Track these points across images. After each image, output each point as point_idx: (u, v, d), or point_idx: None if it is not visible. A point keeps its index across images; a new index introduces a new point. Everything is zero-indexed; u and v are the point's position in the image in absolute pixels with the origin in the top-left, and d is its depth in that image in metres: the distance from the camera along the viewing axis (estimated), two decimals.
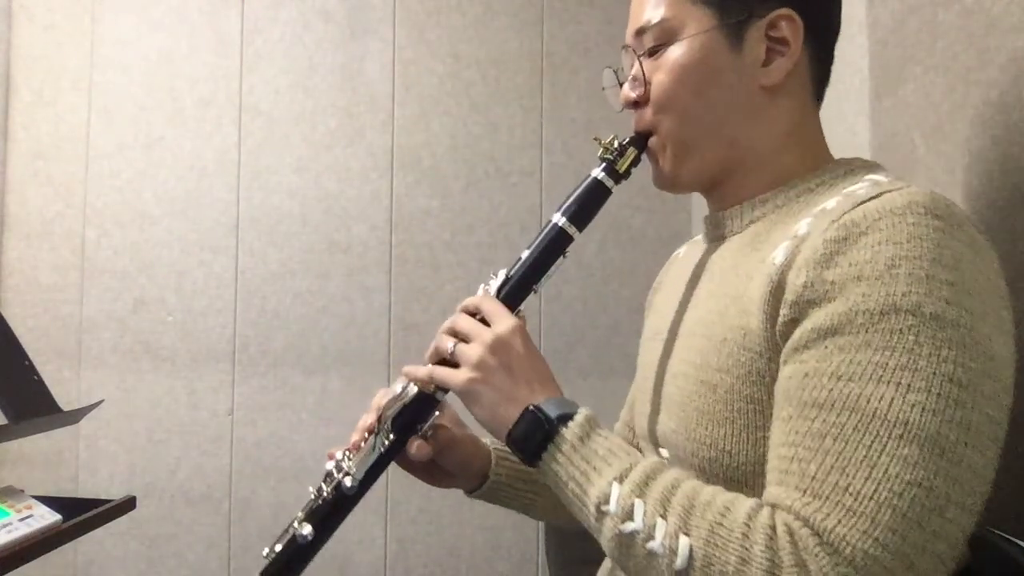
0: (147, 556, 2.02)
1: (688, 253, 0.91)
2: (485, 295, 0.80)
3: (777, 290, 0.63)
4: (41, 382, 1.17)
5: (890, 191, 0.61)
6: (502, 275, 0.81)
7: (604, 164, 0.80)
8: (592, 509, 0.64)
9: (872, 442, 0.55)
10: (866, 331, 0.57)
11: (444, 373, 0.77)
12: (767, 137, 0.75)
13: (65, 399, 1.28)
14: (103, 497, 1.16)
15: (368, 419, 0.84)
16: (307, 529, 0.79)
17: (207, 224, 2.06)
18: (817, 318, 0.59)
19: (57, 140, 2.08)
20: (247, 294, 2.05)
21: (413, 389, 0.81)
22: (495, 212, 2.02)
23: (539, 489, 0.96)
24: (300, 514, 0.81)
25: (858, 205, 0.61)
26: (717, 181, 0.79)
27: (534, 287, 0.81)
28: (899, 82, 1.03)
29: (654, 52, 0.77)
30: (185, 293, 2.05)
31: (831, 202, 0.65)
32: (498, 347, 0.74)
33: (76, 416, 1.21)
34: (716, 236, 0.81)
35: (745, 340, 0.66)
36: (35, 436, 1.71)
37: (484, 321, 0.77)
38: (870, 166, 0.73)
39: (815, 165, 0.75)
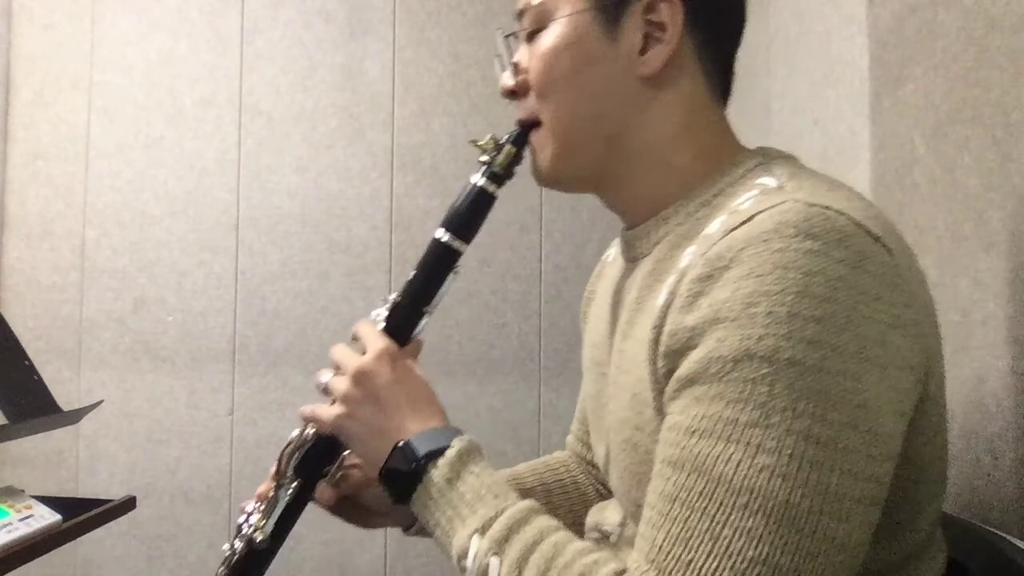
0: (147, 556, 2.02)
1: (616, 262, 0.83)
2: (365, 321, 0.76)
3: (656, 339, 0.58)
4: (41, 382, 1.17)
5: (762, 211, 0.54)
6: (392, 299, 0.77)
7: (483, 167, 0.75)
8: (455, 560, 0.62)
9: (716, 511, 0.50)
10: (719, 381, 0.51)
11: (318, 411, 0.73)
12: (650, 136, 0.68)
13: (65, 399, 1.28)
14: (103, 497, 1.16)
15: (274, 467, 0.80)
16: None
17: (207, 224, 2.06)
18: (681, 368, 0.55)
19: (57, 140, 2.08)
20: (247, 294, 2.05)
21: (312, 431, 0.77)
22: (495, 212, 2.01)
23: None
24: (221, 570, 0.79)
25: (727, 233, 0.55)
26: (605, 182, 0.73)
27: (425, 309, 0.76)
28: (899, 82, 1.03)
29: (532, 37, 0.72)
30: (185, 293, 2.05)
31: (716, 223, 0.58)
32: (361, 377, 0.70)
33: (76, 416, 1.21)
34: (630, 257, 0.74)
35: (643, 394, 0.61)
36: (35, 436, 1.71)
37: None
38: (768, 162, 0.65)
39: (715, 167, 0.67)
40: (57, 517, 1.02)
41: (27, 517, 0.99)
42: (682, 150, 0.69)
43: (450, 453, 0.65)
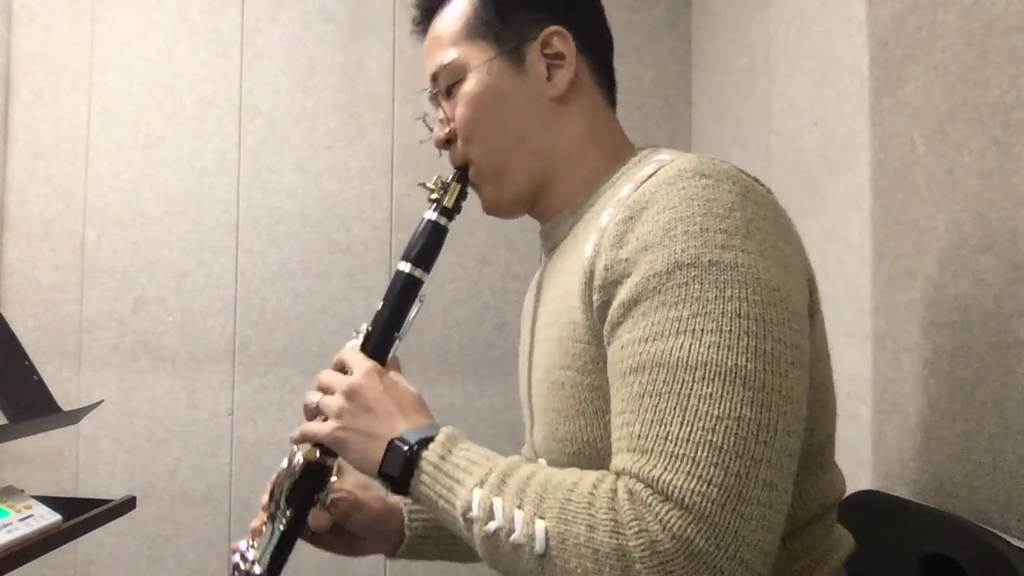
0: (147, 556, 2.02)
1: (536, 281, 0.95)
2: (347, 349, 0.83)
3: (589, 279, 0.68)
4: (41, 382, 1.17)
5: (664, 165, 0.68)
6: (364, 329, 0.85)
7: (434, 204, 0.86)
8: (461, 521, 0.66)
9: (680, 389, 0.59)
10: (659, 292, 0.62)
11: (312, 428, 0.79)
12: (567, 143, 0.82)
13: (65, 399, 1.28)
14: (103, 497, 1.16)
15: (265, 499, 0.84)
16: None
17: (207, 224, 2.06)
18: (621, 295, 0.64)
19: (57, 140, 2.07)
20: (247, 294, 2.05)
21: (300, 460, 0.81)
22: None
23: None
24: None
25: (640, 185, 0.68)
26: (536, 196, 0.85)
27: (396, 335, 0.84)
28: (899, 82, 1.03)
29: (450, 92, 0.84)
30: (185, 293, 2.05)
31: (624, 190, 0.71)
32: (354, 392, 0.76)
33: (76, 416, 1.21)
34: (549, 248, 0.86)
35: (575, 333, 0.70)
36: (35, 436, 1.71)
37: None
38: (659, 149, 0.79)
39: (617, 160, 0.80)
40: (57, 517, 1.02)
41: (27, 517, 0.99)
42: (590, 152, 0.82)
43: (439, 438, 0.71)
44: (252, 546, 0.82)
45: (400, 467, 0.71)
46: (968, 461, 0.86)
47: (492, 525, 0.63)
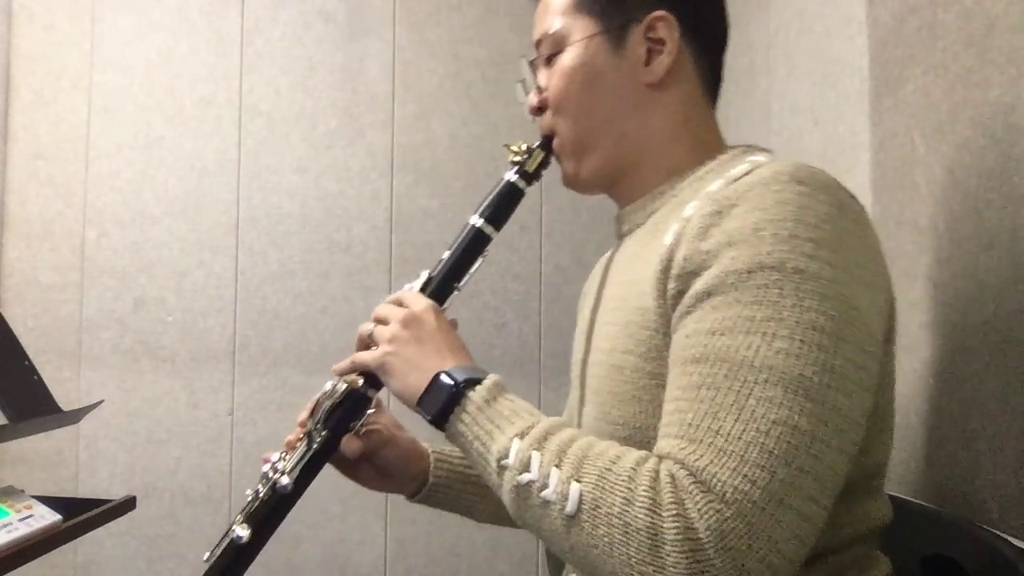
0: (147, 556, 2.02)
1: (600, 266, 0.97)
2: (405, 290, 0.85)
3: (666, 267, 0.67)
4: (41, 382, 1.17)
5: (761, 166, 0.67)
6: (425, 275, 0.86)
7: (515, 167, 0.87)
8: (493, 465, 0.67)
9: (740, 387, 0.58)
10: (736, 289, 0.61)
11: (361, 355, 0.80)
12: (656, 131, 0.81)
13: (65, 399, 1.28)
14: (103, 497, 1.16)
15: (303, 415, 0.86)
16: (245, 531, 0.78)
17: (207, 224, 2.06)
18: (697, 285, 0.64)
19: (57, 140, 2.07)
20: (247, 294, 2.05)
21: (343, 387, 0.83)
22: None
23: (481, 491, 0.97)
24: (239, 516, 0.81)
25: (732, 182, 0.67)
26: (617, 178, 0.84)
27: (456, 285, 0.85)
28: (899, 82, 1.03)
29: (550, 61, 0.84)
30: (185, 293, 2.05)
31: (714, 184, 0.70)
32: (410, 321, 0.78)
33: (76, 416, 1.21)
34: (622, 233, 0.86)
35: (643, 319, 0.70)
36: (35, 436, 1.71)
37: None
38: (753, 150, 0.79)
39: (706, 155, 0.79)
40: (57, 517, 1.02)
41: (27, 517, 0.99)
42: (679, 142, 0.81)
43: (487, 381, 0.72)
44: (283, 458, 0.84)
45: (443, 401, 0.71)
46: (968, 461, 0.86)
47: (526, 477, 0.64)
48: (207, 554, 0.81)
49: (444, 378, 0.73)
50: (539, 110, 0.86)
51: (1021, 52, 0.78)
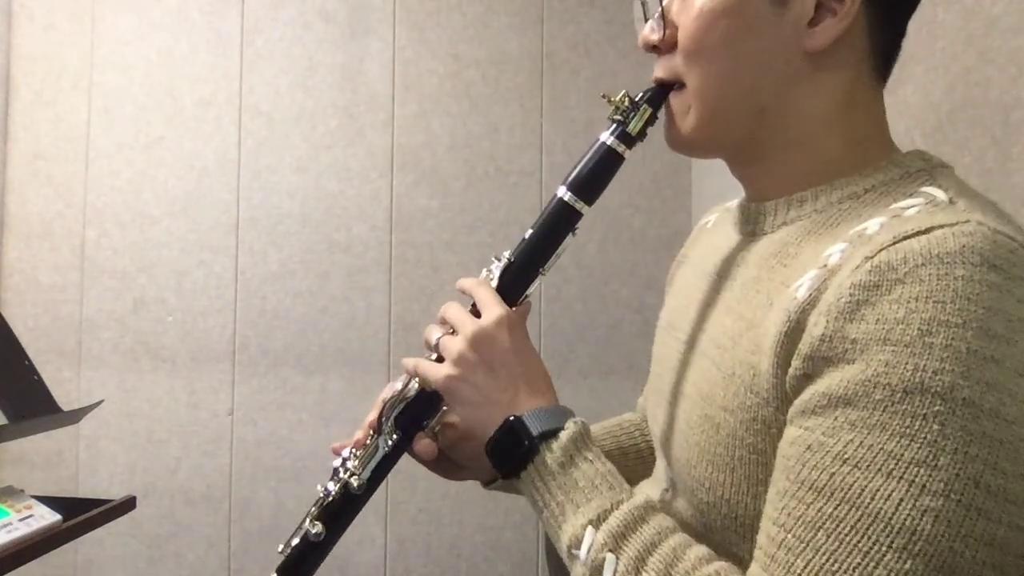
0: (147, 556, 2.02)
1: (717, 230, 0.80)
2: (480, 280, 0.73)
3: (793, 332, 0.54)
4: (41, 382, 1.17)
5: (943, 226, 0.50)
6: (505, 257, 0.74)
7: (614, 126, 0.69)
8: (564, 548, 0.60)
9: (870, 548, 0.46)
10: (884, 410, 0.48)
11: (426, 368, 0.71)
12: (807, 114, 0.63)
13: (65, 399, 1.28)
14: (103, 497, 1.16)
15: (373, 415, 0.79)
16: (319, 527, 0.76)
17: (207, 224, 2.06)
18: (831, 381, 0.50)
19: (57, 140, 2.08)
20: (247, 294, 2.05)
21: (415, 385, 0.76)
22: (495, 212, 2.02)
23: None
24: (313, 510, 0.78)
25: (900, 241, 0.50)
26: (745, 156, 0.68)
27: (541, 269, 0.74)
28: (899, 82, 1.03)
29: None
30: (185, 293, 2.05)
31: (873, 223, 0.54)
32: (481, 341, 0.67)
33: (76, 416, 1.21)
34: (747, 231, 0.70)
35: (753, 381, 0.58)
36: (35, 436, 1.71)
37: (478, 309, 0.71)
38: (932, 170, 0.60)
39: (867, 160, 0.62)
40: (57, 517, 1.02)
41: (27, 517, 0.99)
42: (834, 135, 0.63)
43: (564, 436, 0.63)
44: (355, 455, 0.77)
45: (512, 457, 0.64)
46: None
47: None
48: (281, 546, 0.78)
49: (516, 427, 0.64)
50: (655, 47, 0.67)
51: (1021, 52, 0.78)
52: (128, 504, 1.16)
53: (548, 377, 0.69)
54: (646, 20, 0.68)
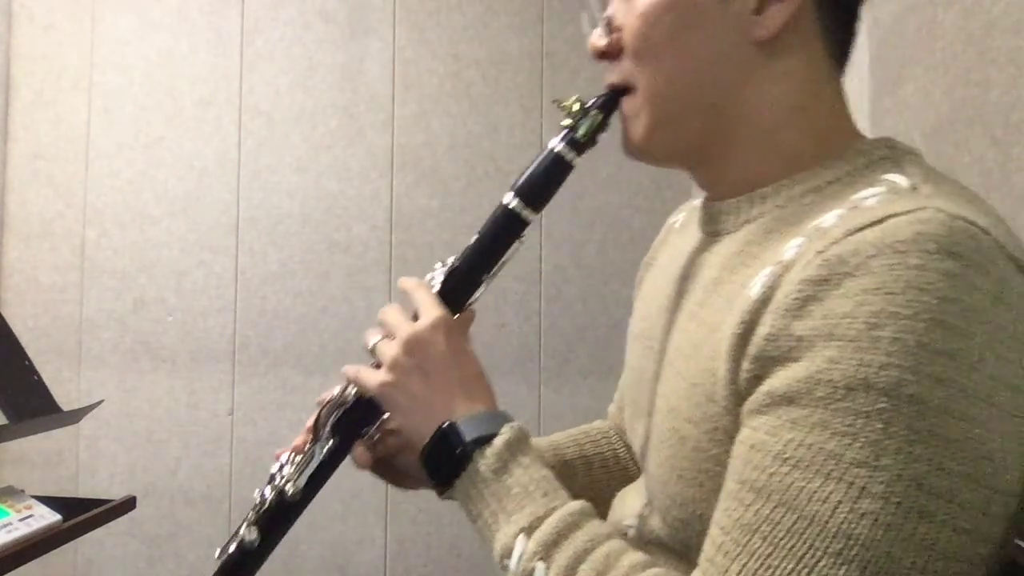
0: (147, 556, 2.02)
1: (684, 230, 0.77)
2: (421, 282, 0.71)
3: (746, 333, 0.51)
4: (41, 382, 1.17)
5: (897, 215, 0.47)
6: (451, 261, 0.72)
7: (564, 132, 0.68)
8: (497, 558, 0.59)
9: (805, 553, 0.44)
10: (826, 407, 0.45)
11: (363, 374, 0.69)
12: (763, 105, 0.60)
13: (65, 399, 1.28)
14: (103, 497, 1.16)
15: (311, 421, 0.77)
16: (254, 534, 0.74)
17: (207, 224, 2.06)
18: (775, 380, 0.48)
19: (57, 140, 2.08)
20: (247, 294, 2.05)
21: (354, 391, 0.73)
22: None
23: None
24: (251, 515, 0.76)
25: (853, 233, 0.47)
26: (702, 157, 0.65)
27: (484, 278, 0.72)
28: (899, 82, 1.03)
29: None
30: (185, 293, 2.05)
31: (831, 215, 0.51)
32: (415, 345, 0.65)
33: (76, 416, 1.21)
34: (710, 231, 0.67)
35: (712, 389, 0.55)
36: (35, 436, 1.71)
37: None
38: (897, 156, 0.57)
39: (830, 150, 0.59)
40: (57, 517, 1.02)
41: (27, 517, 0.99)
42: (792, 127, 0.60)
43: (498, 441, 0.61)
44: (291, 461, 0.76)
45: (445, 465, 0.62)
46: None
47: None
48: (218, 551, 0.76)
49: (449, 435, 0.62)
50: (604, 54, 0.65)
51: (1021, 52, 0.78)
52: (128, 504, 1.16)
53: (485, 381, 0.67)
54: (592, 26, 0.67)
